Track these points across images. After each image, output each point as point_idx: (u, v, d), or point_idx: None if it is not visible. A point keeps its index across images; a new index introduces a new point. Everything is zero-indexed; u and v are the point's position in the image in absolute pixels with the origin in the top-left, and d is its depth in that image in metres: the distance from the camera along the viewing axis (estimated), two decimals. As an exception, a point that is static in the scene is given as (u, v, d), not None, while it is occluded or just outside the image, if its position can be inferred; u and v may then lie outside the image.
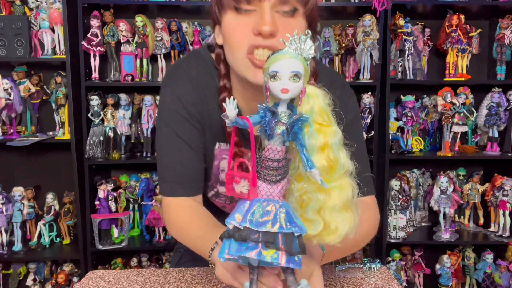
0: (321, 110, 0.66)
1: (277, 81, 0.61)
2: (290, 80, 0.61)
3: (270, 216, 0.62)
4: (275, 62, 0.62)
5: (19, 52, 2.29)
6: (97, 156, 2.33)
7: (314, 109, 0.65)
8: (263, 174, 0.65)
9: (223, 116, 0.61)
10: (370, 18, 2.33)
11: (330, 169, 0.66)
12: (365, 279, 0.97)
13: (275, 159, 0.64)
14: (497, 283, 2.35)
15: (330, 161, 0.66)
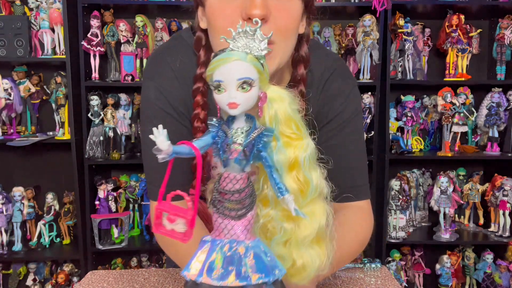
0: (287, 119, 0.54)
1: (222, 93, 0.49)
2: (239, 90, 0.49)
3: (234, 265, 0.50)
4: (218, 68, 0.49)
5: (19, 52, 2.29)
6: (97, 156, 2.33)
7: (278, 117, 0.54)
8: (222, 209, 0.52)
9: (154, 151, 0.47)
10: (370, 18, 2.33)
11: (300, 193, 0.55)
12: (365, 279, 0.97)
13: (235, 190, 0.52)
14: (497, 283, 2.35)
15: (300, 183, 0.55)
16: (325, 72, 0.89)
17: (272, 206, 0.55)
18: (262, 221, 0.56)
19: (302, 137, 0.55)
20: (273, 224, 0.56)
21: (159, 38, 2.40)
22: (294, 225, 0.55)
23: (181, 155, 0.49)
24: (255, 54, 0.51)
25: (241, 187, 0.52)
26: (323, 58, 0.90)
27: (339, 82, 0.89)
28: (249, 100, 0.50)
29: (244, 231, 0.52)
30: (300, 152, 0.55)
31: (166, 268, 1.08)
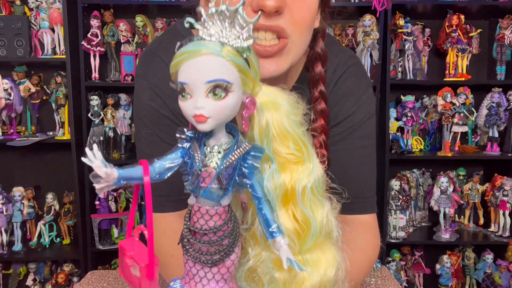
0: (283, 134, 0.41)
1: (187, 100, 0.37)
2: (209, 96, 0.35)
3: None
4: (181, 64, 0.36)
5: (19, 52, 2.28)
6: (97, 156, 2.32)
7: (271, 131, 0.41)
8: (192, 252, 0.40)
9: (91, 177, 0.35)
10: (370, 18, 2.32)
11: (297, 235, 0.42)
12: (365, 279, 0.97)
13: (208, 229, 0.39)
14: (497, 283, 2.35)
15: (297, 222, 0.42)
16: (338, 69, 0.81)
17: (263, 246, 0.43)
18: (251, 263, 0.43)
19: (303, 160, 0.42)
20: (264, 269, 0.43)
21: (159, 38, 2.40)
22: (289, 276, 0.42)
23: (132, 181, 0.36)
24: (234, 46, 0.36)
25: (216, 225, 0.39)
26: (336, 54, 0.81)
27: (352, 81, 0.80)
28: (223, 110, 0.36)
29: (221, 281, 0.40)
30: (299, 180, 0.41)
31: None
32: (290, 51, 0.66)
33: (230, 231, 0.40)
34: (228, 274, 0.40)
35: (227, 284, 0.41)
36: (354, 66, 0.82)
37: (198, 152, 0.38)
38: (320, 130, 0.75)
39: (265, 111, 0.41)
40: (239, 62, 0.37)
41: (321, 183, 0.43)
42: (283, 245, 0.38)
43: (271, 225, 0.39)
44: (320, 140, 0.75)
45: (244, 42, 0.37)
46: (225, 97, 0.36)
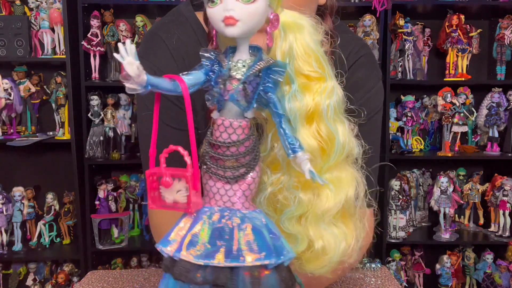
0: (307, 52, 0.42)
1: (216, 5, 0.37)
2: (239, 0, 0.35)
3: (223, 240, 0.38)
4: None
5: (19, 52, 2.28)
6: (97, 156, 2.32)
7: (295, 50, 0.41)
8: (213, 168, 0.40)
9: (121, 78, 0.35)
10: (370, 18, 2.33)
11: (321, 152, 0.43)
12: (365, 279, 0.97)
13: (231, 142, 0.39)
14: (497, 283, 2.35)
15: (321, 138, 0.43)
16: (349, 58, 0.75)
17: (284, 170, 0.43)
18: (270, 190, 0.44)
19: (325, 77, 0.42)
20: (285, 194, 0.43)
21: (159, 38, 2.40)
22: (313, 195, 0.43)
23: (160, 89, 0.37)
24: None
25: (240, 139, 0.39)
26: (348, 42, 0.76)
27: (363, 72, 0.75)
28: (253, 15, 0.36)
29: (242, 197, 0.40)
30: (323, 98, 0.41)
31: None
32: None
33: (252, 147, 0.40)
34: (249, 191, 0.40)
35: (248, 202, 0.41)
36: (366, 56, 0.78)
37: (225, 61, 0.39)
38: None
39: (288, 32, 0.41)
40: None
41: (342, 102, 0.44)
42: (305, 159, 0.39)
43: (292, 141, 0.39)
44: None
45: None
46: (255, 1, 0.36)
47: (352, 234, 0.45)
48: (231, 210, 0.40)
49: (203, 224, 0.39)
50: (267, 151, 0.44)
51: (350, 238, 0.45)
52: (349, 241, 0.45)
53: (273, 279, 0.38)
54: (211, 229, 0.39)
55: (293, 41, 0.41)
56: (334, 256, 0.44)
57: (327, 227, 0.44)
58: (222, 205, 0.40)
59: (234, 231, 0.38)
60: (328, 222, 0.44)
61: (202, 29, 0.74)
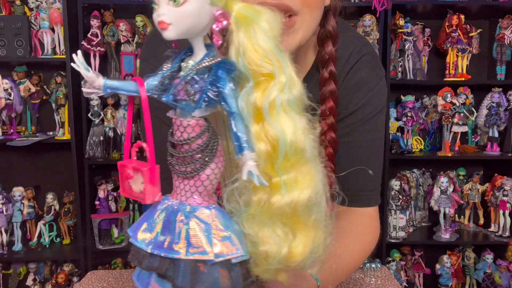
0: (255, 48, 0.40)
1: (155, 11, 0.39)
2: (170, 3, 0.37)
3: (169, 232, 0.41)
4: None
5: (19, 52, 2.28)
6: (97, 156, 2.32)
7: (244, 46, 0.40)
8: (172, 164, 0.43)
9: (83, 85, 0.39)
10: (370, 18, 2.32)
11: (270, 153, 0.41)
12: (365, 279, 0.97)
13: (183, 140, 0.41)
14: (497, 283, 2.35)
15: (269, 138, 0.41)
16: (351, 57, 0.78)
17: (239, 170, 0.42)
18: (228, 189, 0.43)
19: (274, 74, 0.40)
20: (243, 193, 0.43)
21: (159, 38, 2.40)
22: (265, 196, 0.41)
23: (120, 91, 0.39)
24: None
25: (190, 137, 0.41)
26: (350, 41, 0.78)
27: (366, 71, 0.77)
28: (182, 17, 0.37)
29: (195, 193, 0.42)
30: (270, 95, 0.40)
31: None
32: (299, 28, 0.64)
33: (205, 145, 0.41)
34: (203, 187, 0.42)
35: (202, 197, 0.42)
36: (369, 55, 0.79)
37: (169, 64, 0.40)
38: (328, 112, 0.74)
39: (239, 27, 0.40)
40: None
41: (296, 100, 0.42)
42: (248, 159, 0.39)
43: (239, 141, 0.39)
44: (329, 122, 0.74)
45: None
46: (184, 3, 0.36)
47: (305, 241, 0.43)
48: (183, 204, 0.42)
49: (159, 215, 0.42)
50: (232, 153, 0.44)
51: (300, 245, 0.43)
52: (297, 249, 0.43)
53: (212, 275, 0.38)
54: (163, 220, 0.41)
55: (243, 37, 0.40)
56: (273, 263, 0.42)
57: (273, 231, 0.42)
58: (180, 199, 0.43)
59: (179, 225, 0.40)
60: (274, 225, 0.42)
61: None
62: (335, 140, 0.75)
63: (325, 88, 0.74)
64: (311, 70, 0.78)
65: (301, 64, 0.78)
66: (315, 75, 0.77)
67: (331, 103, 0.74)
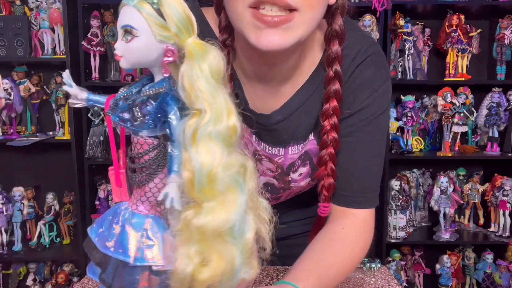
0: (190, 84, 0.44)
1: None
2: (123, 39, 0.44)
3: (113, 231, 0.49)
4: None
5: (19, 52, 2.28)
6: (97, 156, 2.33)
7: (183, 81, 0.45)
8: (130, 175, 0.52)
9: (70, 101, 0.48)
10: (370, 18, 2.33)
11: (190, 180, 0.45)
12: (365, 279, 0.97)
13: (134, 155, 0.50)
14: (497, 283, 2.35)
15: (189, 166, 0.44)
16: (357, 56, 0.77)
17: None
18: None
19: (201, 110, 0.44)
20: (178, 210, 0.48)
21: (159, 38, 2.40)
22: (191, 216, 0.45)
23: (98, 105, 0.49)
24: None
25: (138, 152, 0.48)
26: (357, 40, 0.78)
27: (371, 71, 0.76)
28: (130, 51, 0.44)
29: (138, 201, 0.49)
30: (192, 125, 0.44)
31: None
32: (298, 25, 0.63)
33: (151, 161, 0.48)
34: (145, 198, 0.49)
35: (144, 207, 0.50)
36: (375, 55, 0.78)
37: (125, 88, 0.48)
38: (332, 111, 0.74)
39: (186, 61, 0.45)
40: (148, 12, 0.43)
41: (221, 135, 0.45)
42: (170, 181, 0.45)
43: (171, 164, 0.45)
44: (332, 122, 0.74)
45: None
46: (131, 40, 0.44)
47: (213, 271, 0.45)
48: (127, 209, 0.50)
49: (113, 213, 0.51)
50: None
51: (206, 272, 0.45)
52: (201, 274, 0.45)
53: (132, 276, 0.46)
54: (109, 219, 0.50)
55: (183, 72, 0.45)
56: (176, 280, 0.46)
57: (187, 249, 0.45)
58: (129, 205, 0.51)
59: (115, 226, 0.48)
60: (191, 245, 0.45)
61: (208, 26, 0.76)
62: (337, 140, 0.75)
63: (329, 87, 0.73)
64: (317, 68, 0.78)
65: (306, 61, 0.78)
66: (320, 73, 0.77)
67: (334, 103, 0.73)
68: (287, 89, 0.78)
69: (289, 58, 0.73)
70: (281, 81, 0.77)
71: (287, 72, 0.76)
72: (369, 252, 0.80)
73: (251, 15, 0.61)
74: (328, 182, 0.76)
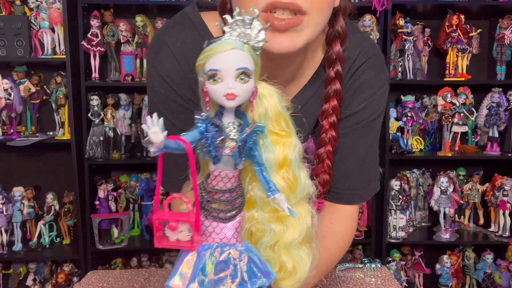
0: (278, 116, 0.53)
1: (218, 83, 0.47)
2: (237, 80, 0.46)
3: (229, 270, 0.47)
4: (213, 56, 0.47)
5: (19, 52, 2.28)
6: (97, 156, 2.33)
7: (269, 114, 0.53)
8: (211, 211, 0.49)
9: (144, 143, 0.45)
10: (370, 18, 2.33)
11: (290, 191, 0.54)
12: (365, 279, 0.97)
13: (226, 189, 0.49)
14: (497, 283, 2.35)
15: (289, 181, 0.54)
16: (358, 58, 0.78)
17: (259, 207, 0.54)
18: (247, 226, 0.54)
19: (290, 135, 0.54)
20: (259, 227, 0.54)
21: (159, 38, 2.40)
22: (283, 226, 0.54)
23: (170, 150, 0.45)
24: (252, 44, 0.48)
25: (233, 186, 0.49)
26: (358, 42, 0.79)
27: (370, 74, 0.78)
28: (246, 92, 0.47)
29: (235, 234, 0.50)
30: (290, 151, 0.53)
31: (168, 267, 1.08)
32: (306, 28, 0.65)
33: (241, 192, 0.51)
34: (240, 228, 0.51)
35: (239, 236, 0.51)
36: (375, 57, 0.80)
37: (221, 124, 0.49)
38: (331, 111, 0.76)
39: (263, 99, 0.52)
40: (255, 57, 0.49)
41: (301, 153, 0.56)
42: (283, 199, 0.50)
43: (271, 185, 0.51)
44: (331, 121, 0.76)
45: (259, 43, 0.49)
46: (248, 81, 0.47)
47: (311, 254, 0.57)
48: (230, 245, 0.49)
49: (207, 260, 0.48)
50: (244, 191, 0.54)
51: (310, 257, 0.57)
52: (310, 260, 0.57)
53: None
54: (215, 263, 0.47)
55: (268, 106, 0.52)
56: (303, 274, 0.56)
57: (295, 251, 0.55)
58: (219, 242, 0.49)
59: (235, 262, 0.48)
60: (295, 248, 0.55)
61: (207, 31, 0.76)
62: (335, 139, 0.77)
63: (330, 87, 0.75)
64: (319, 69, 0.79)
65: (309, 62, 0.79)
66: (322, 74, 0.78)
67: (334, 102, 0.75)
68: (290, 89, 0.79)
69: (296, 59, 0.74)
70: (285, 82, 0.78)
71: (291, 73, 0.77)
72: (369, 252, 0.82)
73: (263, 19, 0.62)
74: (323, 179, 0.78)
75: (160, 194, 2.37)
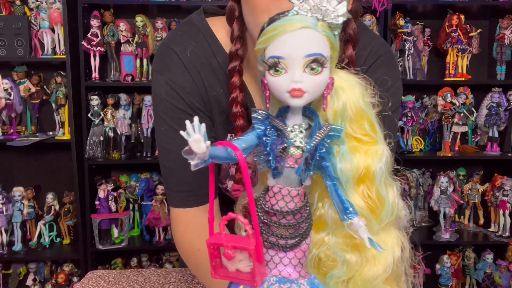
0: (360, 115, 0.41)
1: (281, 75, 0.35)
2: (306, 71, 0.35)
3: None
4: (275, 38, 0.35)
5: (19, 52, 2.28)
6: (97, 156, 2.33)
7: (348, 112, 0.40)
8: (267, 235, 0.38)
9: (184, 153, 0.34)
10: (370, 18, 2.33)
11: (372, 215, 0.41)
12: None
13: (288, 211, 0.37)
14: (497, 283, 2.35)
15: (372, 201, 0.41)
16: (369, 58, 0.77)
17: (330, 231, 0.42)
18: (314, 252, 0.42)
19: (376, 140, 0.41)
20: (329, 254, 0.42)
21: (159, 38, 2.40)
22: (361, 258, 0.42)
23: (218, 160, 0.34)
24: (329, 22, 0.35)
25: (297, 207, 0.37)
26: (369, 42, 0.77)
27: (382, 71, 0.77)
28: (318, 86, 0.35)
29: (298, 266, 0.38)
30: (374, 161, 0.41)
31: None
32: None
33: (307, 214, 0.38)
34: (305, 258, 0.39)
35: (303, 269, 0.39)
36: (386, 55, 0.78)
37: (283, 127, 0.36)
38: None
39: (340, 93, 0.40)
40: (332, 38, 0.36)
41: (390, 164, 0.43)
42: (362, 225, 0.38)
43: (347, 206, 0.38)
44: None
45: (338, 19, 0.35)
46: (321, 72, 0.34)
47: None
48: (290, 281, 0.38)
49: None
50: (312, 210, 0.42)
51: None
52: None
53: None
54: None
55: (347, 102, 0.40)
56: None
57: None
58: (278, 274, 0.38)
59: None
60: (377, 287, 0.43)
61: (215, 38, 0.75)
62: None
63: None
64: None
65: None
66: None
67: None
68: None
69: None
70: None
71: None
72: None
73: None
74: None
75: (160, 194, 2.38)
